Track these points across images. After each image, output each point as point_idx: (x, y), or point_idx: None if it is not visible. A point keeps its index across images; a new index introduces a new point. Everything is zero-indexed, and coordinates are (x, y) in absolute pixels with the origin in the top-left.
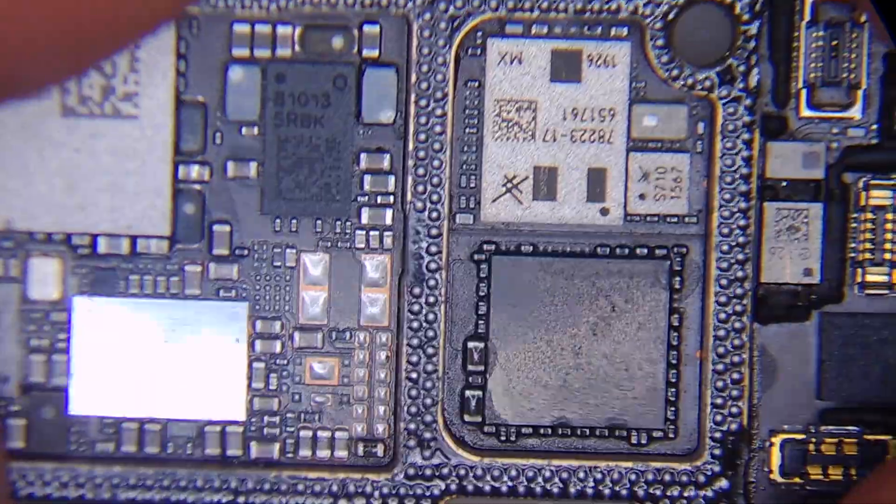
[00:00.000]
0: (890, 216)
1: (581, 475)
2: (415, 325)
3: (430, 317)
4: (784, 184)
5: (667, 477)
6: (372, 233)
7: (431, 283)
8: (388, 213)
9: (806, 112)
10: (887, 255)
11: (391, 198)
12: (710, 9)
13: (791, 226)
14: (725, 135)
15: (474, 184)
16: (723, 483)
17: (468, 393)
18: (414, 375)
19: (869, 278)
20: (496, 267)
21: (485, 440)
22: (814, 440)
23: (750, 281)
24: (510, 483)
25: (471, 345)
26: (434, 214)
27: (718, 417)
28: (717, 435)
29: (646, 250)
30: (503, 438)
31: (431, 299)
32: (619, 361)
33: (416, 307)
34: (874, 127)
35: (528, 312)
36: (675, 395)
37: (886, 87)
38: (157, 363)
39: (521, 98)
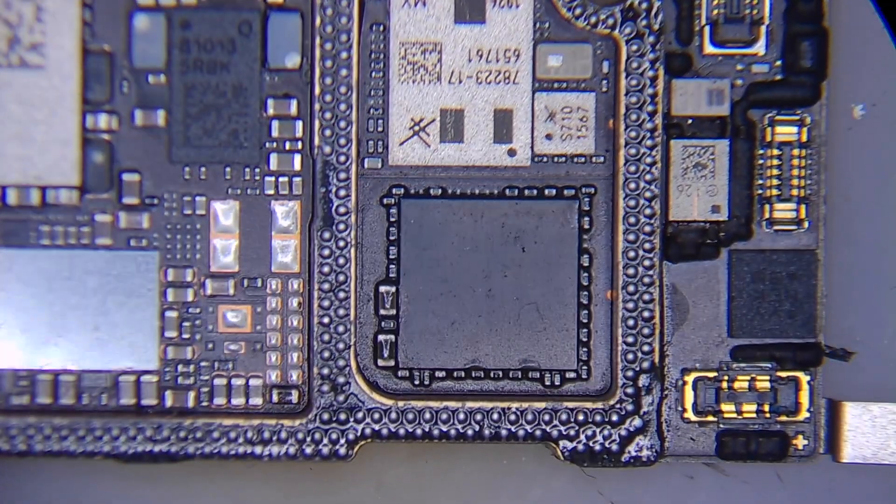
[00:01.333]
0: (796, 152)
1: (495, 416)
2: (325, 269)
3: (341, 261)
4: (689, 121)
5: (580, 416)
6: (281, 179)
7: (341, 226)
8: (297, 158)
9: (710, 49)
10: (794, 192)
11: (299, 143)
12: None
13: (698, 163)
14: (630, 72)
15: (382, 127)
16: (636, 422)
17: (381, 337)
18: (326, 320)
19: (777, 214)
20: (405, 210)
21: (399, 384)
22: (726, 378)
23: (658, 217)
24: (424, 426)
25: (382, 289)
26: (342, 158)
27: (630, 356)
28: (630, 373)
29: (554, 191)
30: (417, 382)
31: (342, 243)
32: (531, 303)
33: (326, 251)
34: (778, 63)
35: (439, 255)
36: (586, 336)
37: (789, 23)
38: (69, 314)
39: (426, 40)
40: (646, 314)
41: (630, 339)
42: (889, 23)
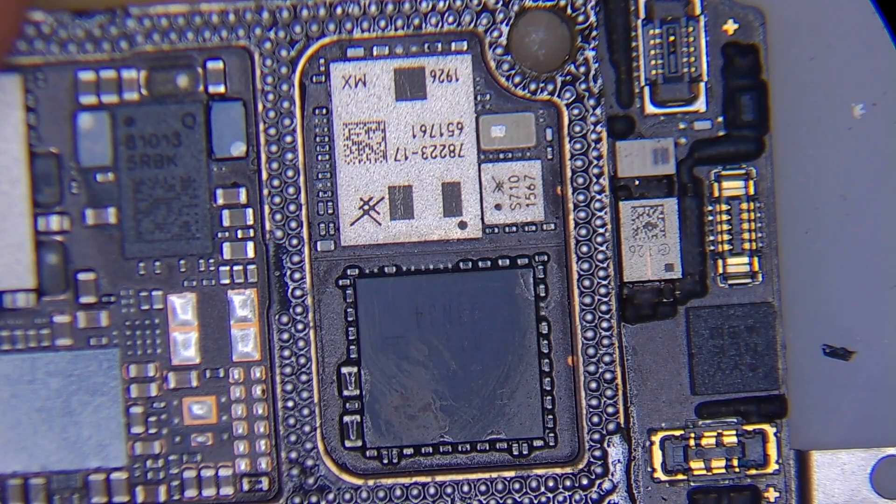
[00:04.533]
0: (744, 206)
1: (465, 488)
2: (286, 352)
3: (301, 343)
4: (636, 182)
5: (550, 483)
6: (236, 267)
7: (298, 309)
8: (250, 245)
9: (651, 109)
10: (746, 245)
11: (251, 231)
12: (545, 14)
13: (648, 223)
14: (573, 136)
15: (332, 209)
16: (606, 484)
17: (346, 419)
18: (290, 404)
19: (730, 269)
20: (361, 291)
21: (367, 463)
22: (693, 435)
23: (612, 278)
24: (396, 503)
25: (344, 370)
26: (294, 241)
27: (595, 419)
28: (596, 436)
29: (507, 261)
30: (385, 462)
31: (300, 325)
32: (493, 374)
33: (285, 335)
34: (720, 119)
35: (398, 333)
36: (550, 403)
37: (727, 78)
38: (35, 417)
39: (369, 119)
40: (608, 375)
41: (594, 402)
42: (889, 23)
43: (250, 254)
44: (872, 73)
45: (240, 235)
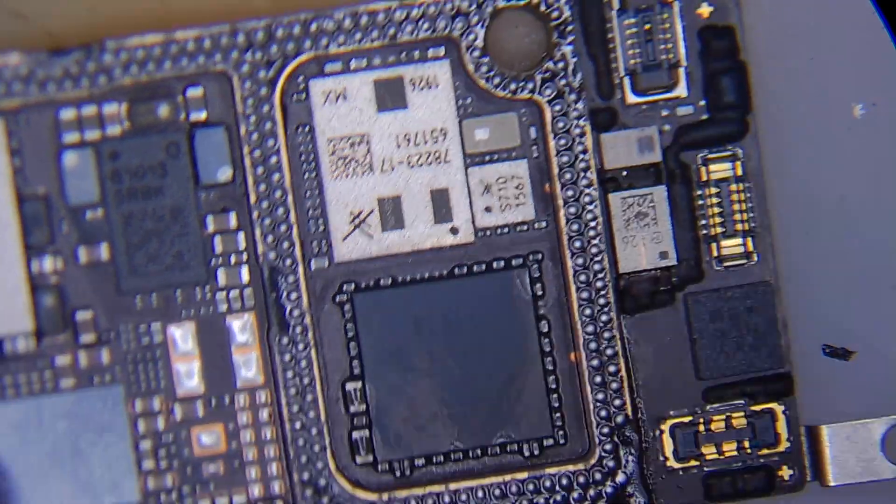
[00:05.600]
0: (734, 187)
1: (480, 494)
2: (289, 373)
3: (303, 363)
4: (624, 173)
5: (564, 481)
6: (232, 293)
7: (297, 329)
8: (244, 269)
9: (632, 99)
10: (738, 227)
11: (244, 255)
12: (520, 13)
13: (639, 212)
14: (557, 133)
15: (323, 226)
16: (619, 477)
17: (355, 434)
18: (298, 424)
19: (725, 252)
20: (359, 306)
21: (380, 478)
22: (702, 420)
23: (608, 271)
24: None
25: (349, 386)
26: (288, 261)
27: (603, 413)
28: (605, 430)
29: (502, 263)
30: (398, 474)
31: (301, 346)
32: (497, 377)
33: (287, 356)
34: (701, 103)
35: (399, 344)
36: (557, 401)
37: (706, 62)
38: (46, 462)
39: (353, 133)
40: (611, 368)
41: (600, 396)
42: (889, 23)
43: (245, 278)
44: (872, 73)
45: (233, 260)
